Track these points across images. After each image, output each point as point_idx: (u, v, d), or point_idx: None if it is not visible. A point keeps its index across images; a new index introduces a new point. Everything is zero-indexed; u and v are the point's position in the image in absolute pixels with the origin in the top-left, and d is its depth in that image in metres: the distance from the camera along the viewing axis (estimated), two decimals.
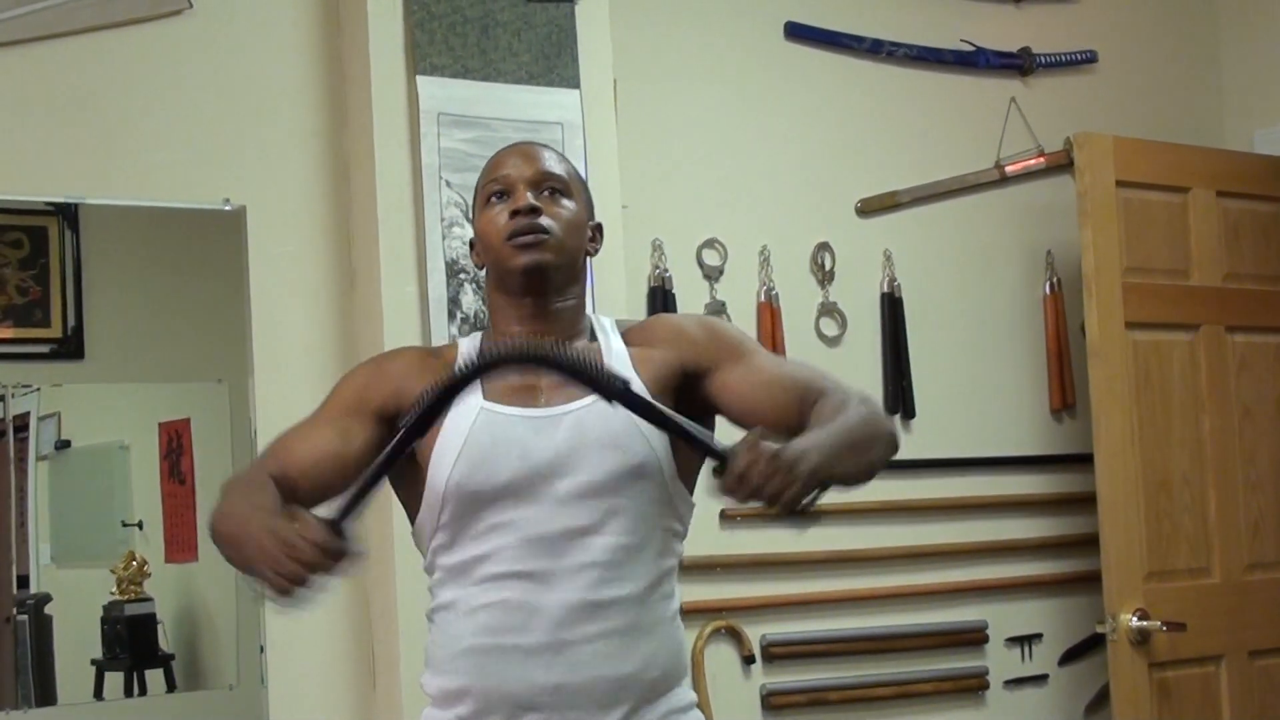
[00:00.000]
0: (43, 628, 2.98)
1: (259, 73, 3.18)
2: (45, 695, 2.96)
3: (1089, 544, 3.84)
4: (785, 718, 3.62)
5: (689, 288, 3.60)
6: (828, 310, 3.78)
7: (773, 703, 3.59)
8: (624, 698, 1.97)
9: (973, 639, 3.86)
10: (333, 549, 1.76)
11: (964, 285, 3.98)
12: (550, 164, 2.11)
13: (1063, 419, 4.07)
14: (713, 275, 3.64)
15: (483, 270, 2.13)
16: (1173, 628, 3.67)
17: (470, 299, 3.08)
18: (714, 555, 3.51)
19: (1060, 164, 4.06)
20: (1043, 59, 4.11)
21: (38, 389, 3.02)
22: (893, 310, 3.83)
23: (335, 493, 1.99)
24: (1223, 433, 3.94)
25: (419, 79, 3.10)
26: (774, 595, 3.62)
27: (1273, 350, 4.07)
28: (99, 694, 3.01)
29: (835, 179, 3.83)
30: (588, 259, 2.14)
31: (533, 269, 2.03)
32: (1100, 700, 3.96)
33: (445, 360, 2.07)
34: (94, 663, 3.02)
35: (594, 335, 2.11)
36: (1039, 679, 3.96)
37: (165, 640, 3.07)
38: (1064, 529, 4.01)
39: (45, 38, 2.97)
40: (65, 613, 3.00)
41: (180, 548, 3.08)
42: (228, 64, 3.16)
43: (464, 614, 1.99)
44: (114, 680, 3.02)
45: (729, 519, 3.54)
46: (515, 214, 2.04)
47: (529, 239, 2.03)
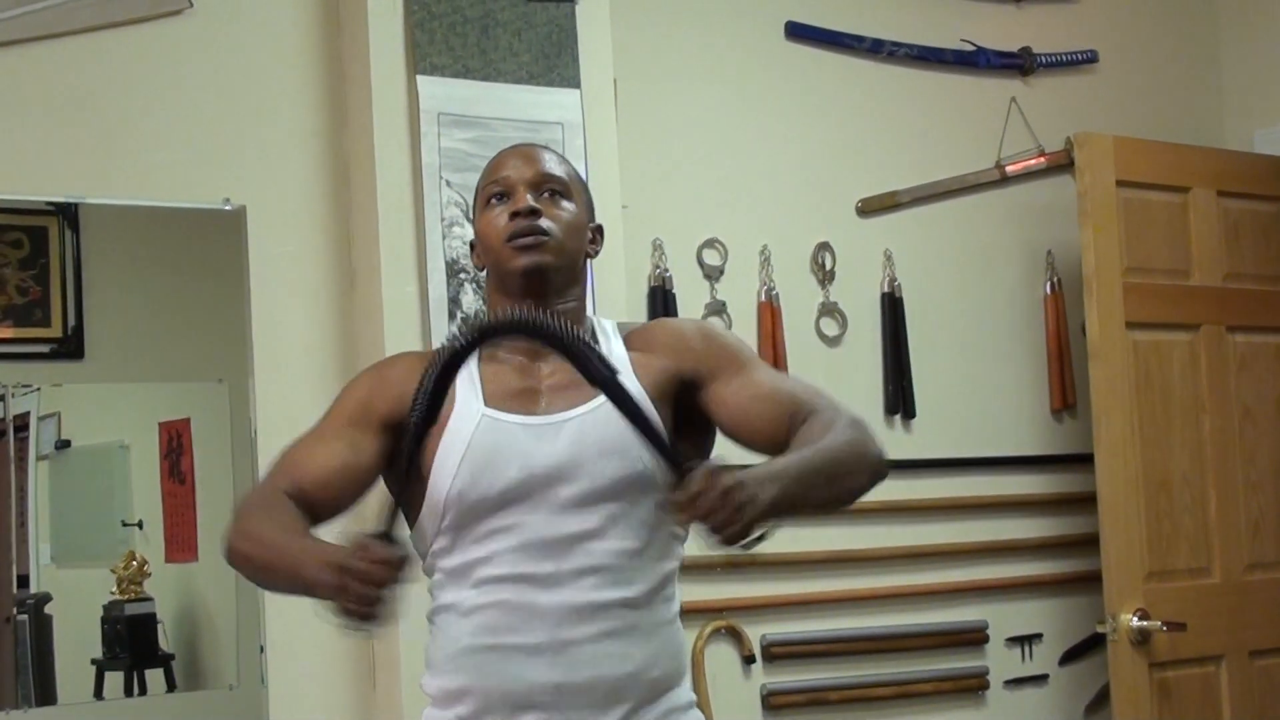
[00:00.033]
0: (43, 627, 2.98)
1: (259, 72, 3.18)
2: (45, 695, 2.96)
3: (1089, 544, 3.84)
4: (785, 718, 3.62)
5: (689, 288, 3.59)
6: (828, 310, 3.77)
7: (773, 703, 3.59)
8: (624, 697, 1.97)
9: (973, 639, 3.86)
10: (397, 561, 1.75)
11: (964, 285, 3.97)
12: (550, 166, 2.11)
13: (1063, 419, 4.07)
14: (713, 275, 3.64)
15: (483, 271, 2.13)
16: (1173, 628, 3.67)
17: (470, 299, 3.08)
18: (714, 555, 3.49)
19: (1061, 164, 4.05)
20: (1043, 59, 4.11)
21: (38, 389, 3.02)
22: (893, 310, 3.83)
23: (350, 504, 2.01)
24: (1223, 433, 3.94)
25: (419, 79, 3.09)
26: (774, 595, 3.62)
27: (1273, 350, 4.07)
28: (99, 694, 3.01)
29: (836, 179, 3.83)
30: (588, 261, 2.14)
31: (532, 270, 2.03)
32: (1100, 700, 3.96)
33: None
34: (94, 662, 3.02)
35: (595, 338, 2.09)
36: (1039, 679, 3.96)
37: (165, 640, 3.07)
38: (1064, 529, 4.01)
39: (45, 38, 2.97)
40: (65, 612, 3.00)
41: (180, 547, 3.08)
42: (228, 64, 3.15)
43: (464, 615, 1.99)
44: (114, 680, 3.02)
45: None
46: (515, 216, 2.04)
47: (528, 240, 2.03)
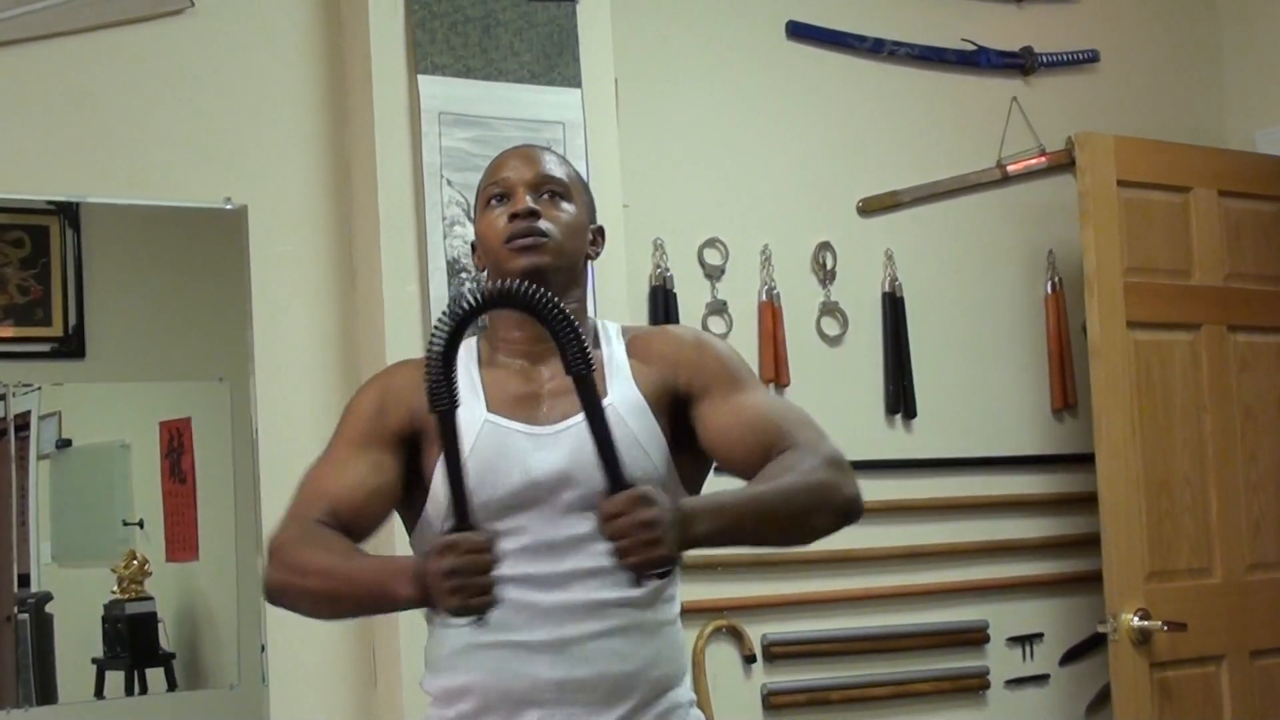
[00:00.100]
0: (43, 626, 2.98)
1: (260, 72, 3.18)
2: (46, 694, 2.96)
3: (1090, 544, 3.84)
4: (786, 717, 3.62)
5: (690, 287, 3.59)
6: (829, 310, 3.77)
7: (773, 702, 3.59)
8: (626, 696, 1.97)
9: (973, 639, 3.86)
10: (488, 543, 1.76)
11: (965, 285, 3.97)
12: (550, 167, 2.10)
13: (1064, 419, 4.07)
14: (714, 275, 3.64)
15: (484, 272, 2.13)
16: (1174, 628, 3.67)
17: None
18: (714, 555, 3.49)
19: (1062, 163, 4.05)
20: (1044, 58, 4.11)
21: (39, 388, 3.02)
22: (894, 310, 3.83)
23: (381, 525, 2.03)
24: (1224, 433, 3.94)
25: (420, 78, 3.09)
26: (774, 595, 3.62)
27: (1274, 350, 4.07)
28: (100, 693, 3.01)
29: (837, 178, 3.83)
30: (589, 262, 2.14)
31: (531, 272, 2.01)
32: (1101, 700, 3.96)
33: None
34: (95, 661, 3.02)
35: (597, 342, 2.09)
36: (1040, 679, 3.96)
37: (166, 639, 3.07)
38: (1065, 529, 4.01)
39: (45, 37, 2.97)
40: (66, 611, 3.00)
41: (181, 547, 3.08)
42: (229, 63, 3.16)
43: None
44: (115, 679, 3.02)
45: None
46: (514, 217, 2.04)
47: (527, 242, 2.03)
